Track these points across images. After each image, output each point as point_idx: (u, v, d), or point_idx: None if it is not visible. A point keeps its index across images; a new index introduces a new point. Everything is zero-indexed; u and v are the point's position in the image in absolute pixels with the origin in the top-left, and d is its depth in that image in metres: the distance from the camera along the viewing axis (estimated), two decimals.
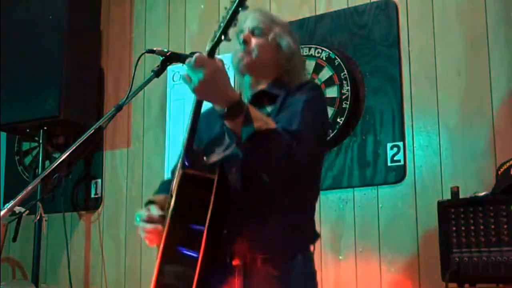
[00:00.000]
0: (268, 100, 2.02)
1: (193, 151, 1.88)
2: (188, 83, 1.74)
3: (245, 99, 2.05)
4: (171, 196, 1.89)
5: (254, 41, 2.07)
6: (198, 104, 1.86)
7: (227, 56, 2.10)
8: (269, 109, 2.00)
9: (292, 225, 1.95)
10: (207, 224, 1.76)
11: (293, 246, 1.96)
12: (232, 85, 1.83)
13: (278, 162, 1.82)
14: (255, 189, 1.90)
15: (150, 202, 2.04)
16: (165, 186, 2.16)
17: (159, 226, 1.91)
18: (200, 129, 2.03)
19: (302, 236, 2.00)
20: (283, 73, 2.11)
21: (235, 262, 1.88)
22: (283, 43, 2.10)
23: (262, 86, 2.08)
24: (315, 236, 2.06)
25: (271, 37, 2.09)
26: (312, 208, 2.06)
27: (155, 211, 1.96)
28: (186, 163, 1.85)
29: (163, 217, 1.93)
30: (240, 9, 1.70)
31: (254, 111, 1.78)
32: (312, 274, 2.01)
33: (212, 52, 1.73)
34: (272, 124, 1.80)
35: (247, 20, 2.11)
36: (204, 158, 1.88)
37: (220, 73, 1.73)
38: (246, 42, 2.07)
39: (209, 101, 1.80)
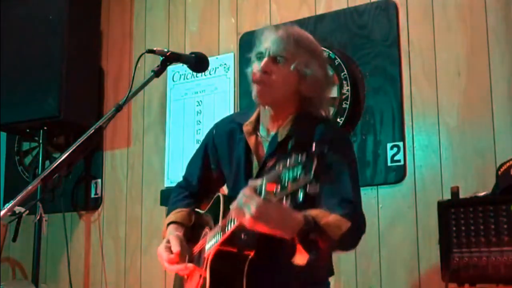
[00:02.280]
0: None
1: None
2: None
3: (265, 130, 1.96)
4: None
5: (274, 70, 1.88)
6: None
7: (227, 56, 2.09)
8: (300, 157, 1.83)
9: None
10: None
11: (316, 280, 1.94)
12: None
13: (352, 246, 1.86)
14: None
15: (172, 222, 2.02)
16: (180, 200, 2.13)
17: (184, 266, 1.90)
18: (219, 148, 2.03)
19: (325, 270, 2.00)
20: (307, 104, 1.92)
21: None
22: (308, 72, 1.89)
23: (285, 122, 1.91)
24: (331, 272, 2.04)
25: (294, 65, 1.88)
26: None
27: (175, 247, 1.90)
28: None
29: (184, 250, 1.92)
30: None
31: (322, 219, 1.63)
32: None
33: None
34: (344, 225, 1.67)
35: (269, 42, 1.89)
36: (243, 236, 1.78)
37: (269, 208, 1.52)
38: (266, 72, 1.87)
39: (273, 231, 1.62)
